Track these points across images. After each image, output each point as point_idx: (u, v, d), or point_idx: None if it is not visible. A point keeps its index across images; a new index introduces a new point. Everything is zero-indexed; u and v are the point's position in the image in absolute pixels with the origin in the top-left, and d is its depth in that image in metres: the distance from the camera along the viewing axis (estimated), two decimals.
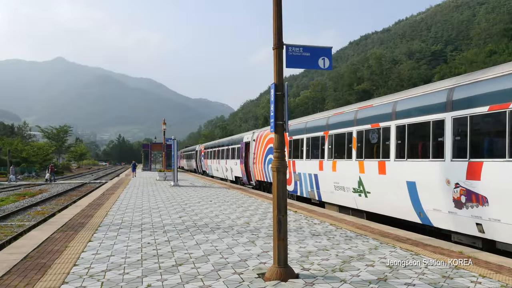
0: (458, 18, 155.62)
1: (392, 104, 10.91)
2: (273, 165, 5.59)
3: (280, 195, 5.52)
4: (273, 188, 5.62)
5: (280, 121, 5.57)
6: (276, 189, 5.54)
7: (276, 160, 5.60)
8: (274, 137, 5.63)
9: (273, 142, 17.90)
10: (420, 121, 9.68)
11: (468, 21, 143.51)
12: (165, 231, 9.16)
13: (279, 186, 5.53)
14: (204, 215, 11.79)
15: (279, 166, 5.55)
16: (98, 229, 9.54)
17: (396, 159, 10.49)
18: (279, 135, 5.59)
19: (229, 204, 14.55)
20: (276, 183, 5.54)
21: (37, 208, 19.78)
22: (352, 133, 12.76)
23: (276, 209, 5.53)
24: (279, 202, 5.53)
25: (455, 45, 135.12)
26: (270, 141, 21.02)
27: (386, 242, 8.11)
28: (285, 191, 5.59)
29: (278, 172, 5.54)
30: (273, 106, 5.60)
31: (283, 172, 5.54)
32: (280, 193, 5.52)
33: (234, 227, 9.66)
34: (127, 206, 13.97)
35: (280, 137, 5.57)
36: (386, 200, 11.09)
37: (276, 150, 5.60)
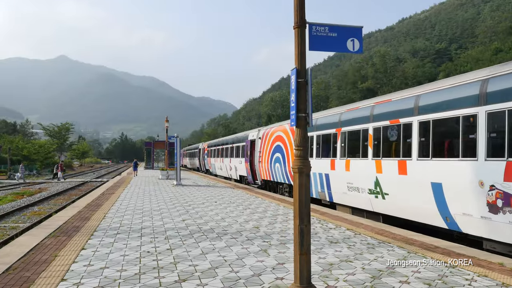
0: (463, 16, 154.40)
1: (414, 98, 10.03)
2: (295, 165, 4.73)
3: (302, 201, 4.65)
4: (294, 192, 4.76)
5: (302, 113, 4.70)
6: (298, 194, 4.67)
7: (298, 159, 4.74)
8: (295, 132, 4.76)
9: (281, 139, 17.01)
10: (447, 116, 8.79)
11: (473, 19, 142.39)
12: (167, 237, 8.31)
13: (301, 191, 4.67)
14: (209, 218, 10.94)
15: (302, 166, 4.68)
16: (93, 234, 8.70)
17: (419, 158, 9.61)
18: (302, 129, 4.72)
19: (235, 206, 13.69)
20: (298, 187, 4.67)
21: (34, 208, 18.99)
22: (368, 130, 11.89)
23: (297, 217, 4.67)
24: (301, 209, 4.66)
25: (459, 43, 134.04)
26: (277, 139, 20.16)
27: (413, 251, 7.23)
28: (309, 197, 4.72)
29: (301, 174, 4.67)
30: (294, 96, 4.73)
31: (306, 174, 4.68)
32: (302, 198, 4.65)
33: (243, 233, 8.80)
34: (126, 208, 13.14)
35: (302, 132, 4.70)
36: (407, 203, 10.22)
37: (298, 148, 4.73)
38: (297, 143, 4.73)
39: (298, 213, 4.66)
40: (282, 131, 19.68)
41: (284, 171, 18.89)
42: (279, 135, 19.90)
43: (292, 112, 4.79)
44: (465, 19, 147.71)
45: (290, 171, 18.10)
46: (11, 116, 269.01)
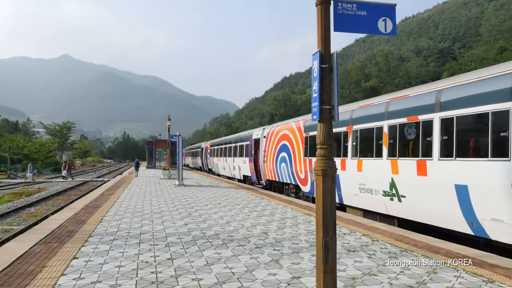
0: (466, 15, 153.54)
1: (435, 93, 9.27)
2: (318, 166, 4.00)
3: (327, 209, 3.93)
4: (317, 199, 4.03)
5: (326, 104, 3.98)
6: (322, 201, 3.94)
7: (322, 160, 4.01)
8: (318, 127, 4.04)
9: (287, 138, 16.24)
10: (474, 112, 8.03)
11: (477, 18, 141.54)
12: (168, 244, 7.59)
13: (326, 197, 3.94)
14: (213, 221, 10.22)
15: (326, 168, 3.95)
16: (88, 240, 7.99)
17: (441, 158, 8.86)
18: (326, 124, 4.00)
19: (240, 208, 12.97)
20: (322, 192, 3.95)
21: (30, 209, 18.30)
22: (382, 128, 11.14)
23: (321, 228, 3.94)
24: (326, 218, 3.94)
25: (463, 43, 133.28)
26: (283, 137, 19.42)
27: (442, 262, 6.50)
28: (334, 204, 4.00)
29: (325, 177, 3.95)
30: (316, 84, 4.00)
31: (331, 177, 3.95)
32: (327, 206, 3.93)
33: (250, 239, 8.07)
34: (126, 210, 12.43)
35: (327, 128, 3.98)
36: (426, 206, 9.47)
37: (322, 146, 4.01)
38: (321, 141, 4.01)
39: (322, 223, 3.94)
40: (288, 129, 18.94)
41: (291, 171, 18.15)
42: (285, 134, 19.16)
43: (314, 104, 4.07)
44: (469, 18, 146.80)
45: (297, 171, 17.37)
46: (14, 115, 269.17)
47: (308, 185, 16.30)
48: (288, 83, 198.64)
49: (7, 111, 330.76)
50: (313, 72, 4.07)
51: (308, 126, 16.48)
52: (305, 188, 16.69)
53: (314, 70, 4.04)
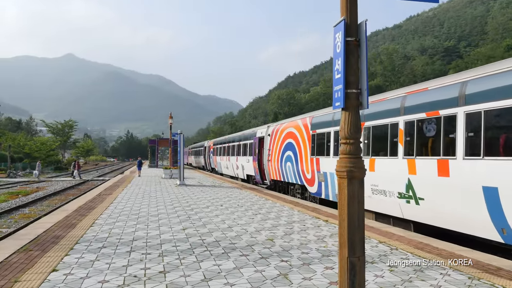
0: (472, 13, 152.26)
1: (459, 85, 8.39)
2: (341, 167, 3.16)
3: (354, 222, 3.09)
4: (341, 208, 3.18)
5: (352, 88, 3.13)
6: (348, 211, 3.09)
7: (347, 158, 3.16)
8: (342, 117, 3.19)
9: (292, 136, 15.35)
10: (506, 106, 7.15)
11: (482, 16, 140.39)
12: (162, 253, 6.75)
13: (352, 205, 3.09)
14: (214, 226, 9.38)
15: (353, 169, 3.11)
16: (74, 247, 7.17)
17: (467, 157, 7.98)
18: (352, 113, 3.15)
19: (244, 210, 12.12)
20: (347, 200, 3.10)
21: (25, 210, 17.53)
22: (397, 125, 10.27)
23: (346, 245, 3.10)
24: (352, 233, 3.09)
25: (468, 41, 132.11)
26: (288, 135, 18.56)
27: (474, 276, 5.64)
28: (363, 215, 3.16)
29: (351, 180, 3.10)
30: (340, 63, 3.16)
31: (359, 180, 3.11)
32: (354, 217, 3.09)
33: (255, 247, 7.22)
34: (121, 212, 11.61)
35: (353, 118, 3.14)
36: (448, 210, 8.60)
37: (347, 141, 3.17)
38: (346, 134, 3.16)
39: (347, 239, 3.09)
40: (294, 127, 18.07)
41: (296, 170, 17.29)
42: (291, 132, 18.30)
43: (336, 88, 3.21)
44: (474, 16, 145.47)
45: (303, 170, 16.51)
46: (18, 113, 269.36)
47: (315, 186, 15.45)
48: (292, 82, 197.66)
49: (11, 110, 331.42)
50: (335, 47, 3.22)
51: (315, 123, 15.62)
52: (311, 188, 15.84)
53: (337, 45, 3.19)
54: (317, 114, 16.07)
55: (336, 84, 3.23)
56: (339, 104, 3.19)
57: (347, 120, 3.12)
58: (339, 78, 3.17)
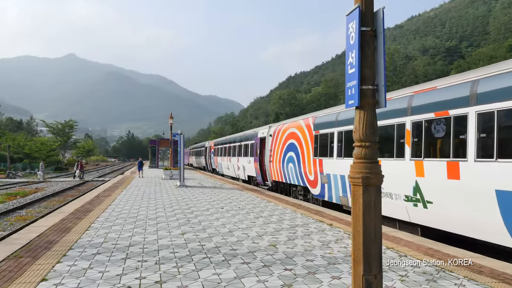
0: (473, 13, 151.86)
1: (470, 84, 8.03)
2: (356, 172, 2.81)
3: (370, 235, 2.75)
4: (355, 219, 2.84)
5: (369, 84, 2.79)
6: (363, 222, 2.76)
7: (362, 163, 2.82)
8: (356, 117, 2.84)
9: (295, 137, 14.98)
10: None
11: (484, 16, 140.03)
12: (159, 260, 6.41)
13: (368, 216, 2.75)
14: (214, 230, 9.03)
15: (369, 175, 2.78)
16: (67, 254, 6.83)
17: (478, 159, 7.63)
18: (368, 112, 2.81)
19: (245, 213, 11.77)
20: (363, 210, 2.76)
21: (21, 212, 17.20)
22: (404, 125, 9.91)
23: (361, 261, 2.76)
24: (368, 248, 2.75)
25: (470, 41, 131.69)
26: (291, 136, 18.20)
27: (493, 287, 5.29)
28: (380, 227, 2.82)
29: (367, 188, 2.77)
30: (354, 56, 2.81)
31: (376, 188, 2.77)
32: (370, 230, 2.75)
33: (257, 254, 6.87)
34: (118, 215, 11.27)
35: (369, 117, 2.81)
36: (458, 214, 8.24)
37: (362, 143, 2.83)
38: (360, 136, 2.82)
39: (362, 254, 2.75)
40: (296, 127, 17.71)
41: (299, 172, 16.94)
42: (293, 132, 17.94)
43: (350, 84, 2.87)
44: (476, 16, 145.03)
45: (306, 172, 16.15)
46: (20, 114, 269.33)
47: (318, 187, 15.09)
48: (293, 82, 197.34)
49: (12, 110, 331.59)
50: (348, 38, 2.88)
51: (318, 123, 15.27)
52: (314, 190, 15.48)
53: (350, 36, 2.85)
54: (320, 114, 15.72)
55: (350, 79, 2.89)
56: (352, 103, 2.85)
57: (362, 120, 2.78)
58: (353, 73, 2.83)
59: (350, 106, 2.93)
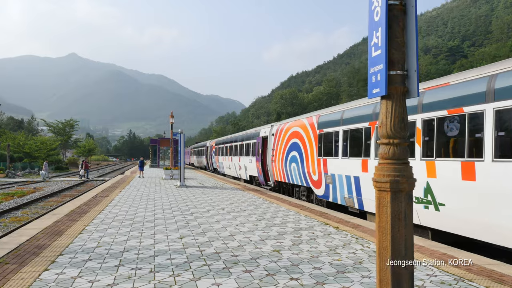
0: (476, 13, 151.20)
1: (486, 79, 7.55)
2: (381, 175, 2.35)
3: (400, 251, 2.24)
4: (380, 231, 2.36)
5: (397, 69, 2.31)
6: (391, 236, 2.27)
7: (389, 164, 2.36)
8: (382, 108, 2.37)
9: (298, 136, 14.50)
10: None
11: (486, 16, 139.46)
12: (154, 268, 5.94)
13: (397, 229, 2.26)
14: (214, 234, 8.56)
15: (398, 179, 2.29)
16: (56, 260, 6.36)
17: (496, 159, 7.14)
18: (396, 102, 2.34)
19: (247, 215, 11.30)
20: (391, 222, 2.27)
21: (17, 212, 16.75)
22: (414, 123, 9.43)
23: (389, 284, 2.26)
24: (397, 268, 2.25)
25: (472, 41, 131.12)
26: (294, 135, 17.73)
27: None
28: (411, 242, 2.32)
29: (396, 194, 2.28)
30: (380, 35, 2.33)
31: (407, 194, 2.28)
32: (400, 246, 2.25)
33: (260, 260, 6.40)
34: (115, 217, 10.80)
35: (398, 109, 2.34)
36: (474, 217, 7.76)
37: (390, 140, 2.36)
38: (388, 131, 2.35)
39: (390, 276, 2.26)
40: (299, 126, 17.23)
41: (302, 172, 16.46)
42: (296, 131, 17.46)
43: (374, 69, 2.40)
44: (478, 16, 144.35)
45: (309, 172, 15.68)
46: (22, 113, 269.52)
47: (322, 188, 14.62)
48: (295, 82, 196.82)
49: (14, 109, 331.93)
50: (371, 14, 2.41)
51: (322, 122, 14.79)
52: (318, 191, 15.01)
53: (375, 11, 2.38)
54: (324, 113, 15.24)
55: (374, 64, 2.42)
56: (378, 91, 2.38)
57: (390, 112, 2.31)
58: (378, 56, 2.36)
59: (374, 96, 2.46)
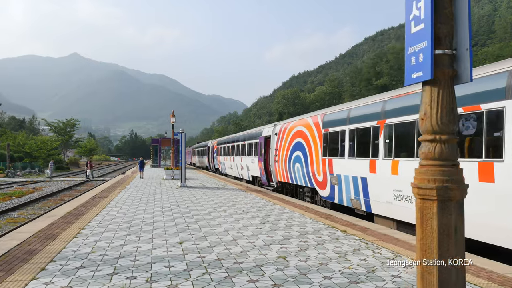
0: (478, 13, 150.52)
1: (507, 74, 7.07)
2: (423, 180, 1.88)
3: (450, 276, 1.77)
4: (426, 251, 1.93)
5: (445, 47, 1.83)
6: (437, 253, 1.79)
7: (434, 166, 1.87)
8: (426, 96, 1.91)
9: (302, 135, 14.01)
10: None
11: (489, 15, 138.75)
12: (151, 277, 5.48)
13: (447, 247, 1.75)
14: (215, 238, 8.10)
15: (448, 184, 1.80)
16: (46, 267, 5.92)
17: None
18: (444, 88, 1.87)
19: (250, 218, 10.84)
20: (438, 237, 1.78)
21: (13, 214, 16.32)
22: None
23: None
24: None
25: (475, 41, 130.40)
26: (298, 134, 17.26)
27: None
28: (464, 270, 1.84)
29: (445, 204, 1.79)
30: (423, 4, 1.86)
31: (458, 204, 1.80)
32: (450, 269, 1.78)
33: (265, 269, 5.94)
34: (112, 219, 10.36)
35: (446, 97, 1.87)
36: (492, 221, 7.28)
37: (434, 137, 1.88)
38: (432, 125, 1.89)
39: None
40: (303, 125, 16.77)
41: (306, 172, 16.00)
42: (300, 131, 17.00)
43: (415, 48, 1.95)
44: (481, 16, 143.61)
45: (314, 172, 15.22)
46: (24, 112, 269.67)
47: (327, 189, 14.15)
48: (297, 81, 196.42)
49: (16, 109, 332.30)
50: None
51: (328, 121, 14.32)
52: (323, 192, 14.54)
53: None
54: (330, 111, 14.77)
55: (414, 42, 1.95)
56: (419, 76, 1.91)
57: (436, 101, 1.85)
58: (420, 32, 1.89)
59: (415, 81, 2.00)
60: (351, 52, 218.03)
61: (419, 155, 2.04)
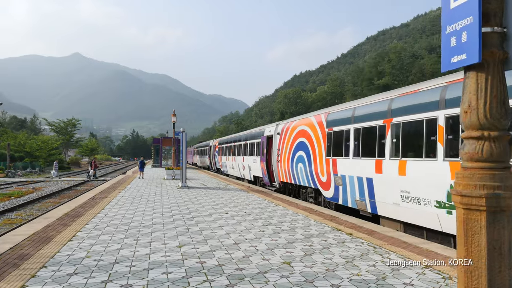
0: None
1: None
2: (468, 187, 1.50)
3: None
4: (469, 270, 1.54)
5: (493, 24, 1.48)
6: (488, 277, 1.44)
7: (481, 169, 1.49)
8: (469, 84, 1.54)
9: (305, 135, 13.55)
10: None
11: None
12: (147, 285, 5.14)
13: (499, 269, 1.42)
14: (216, 242, 7.77)
15: (499, 191, 1.44)
16: (36, 274, 5.60)
17: None
18: (494, 74, 1.49)
19: (252, 220, 10.50)
20: (487, 255, 1.44)
21: (11, 214, 16.02)
22: (436, 120, 8.62)
23: None
24: None
25: None
26: (300, 134, 16.92)
27: None
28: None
29: (496, 216, 1.43)
30: None
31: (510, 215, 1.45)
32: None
33: (268, 276, 5.61)
34: (110, 221, 10.04)
35: (495, 85, 1.49)
36: None
37: (481, 133, 1.50)
38: (479, 118, 1.53)
39: None
40: (306, 124, 16.43)
41: (309, 172, 15.66)
42: (303, 130, 16.66)
43: (456, 25, 1.57)
44: None
45: (317, 173, 14.88)
46: (25, 112, 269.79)
47: (331, 190, 13.81)
48: (299, 81, 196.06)
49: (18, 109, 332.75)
50: None
51: (332, 120, 13.98)
52: (327, 193, 14.21)
53: None
54: (334, 110, 14.43)
55: (453, 19, 1.60)
56: (462, 59, 1.55)
57: (484, 90, 1.50)
58: (463, 6, 1.54)
59: (456, 66, 1.65)
60: (353, 51, 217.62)
61: (461, 155, 1.69)
